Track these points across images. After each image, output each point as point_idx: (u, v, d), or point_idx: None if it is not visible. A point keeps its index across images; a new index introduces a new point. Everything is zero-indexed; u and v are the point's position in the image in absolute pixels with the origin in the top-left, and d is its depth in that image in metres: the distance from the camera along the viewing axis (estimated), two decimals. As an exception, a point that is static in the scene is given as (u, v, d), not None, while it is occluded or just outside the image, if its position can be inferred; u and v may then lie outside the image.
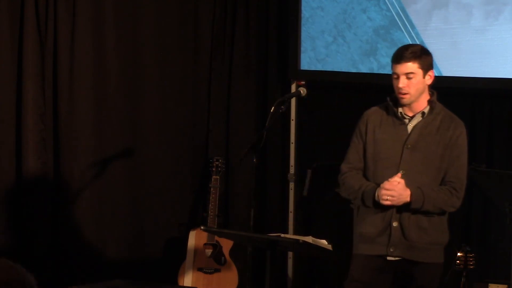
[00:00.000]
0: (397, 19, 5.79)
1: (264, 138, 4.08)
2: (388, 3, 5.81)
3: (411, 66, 4.01)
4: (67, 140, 5.81)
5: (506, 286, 4.98)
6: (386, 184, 3.94)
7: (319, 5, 6.04)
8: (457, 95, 5.85)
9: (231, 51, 6.31)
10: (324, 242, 3.70)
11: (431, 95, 4.14)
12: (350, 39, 5.92)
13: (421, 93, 4.06)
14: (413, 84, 4.01)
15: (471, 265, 4.89)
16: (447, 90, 5.79)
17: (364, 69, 5.90)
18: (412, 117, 4.09)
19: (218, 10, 6.28)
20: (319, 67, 6.01)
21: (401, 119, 4.09)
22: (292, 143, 6.19)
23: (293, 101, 6.08)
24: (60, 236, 5.83)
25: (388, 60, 5.83)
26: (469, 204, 5.80)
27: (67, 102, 5.81)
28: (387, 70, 5.83)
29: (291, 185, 6.15)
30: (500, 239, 5.51)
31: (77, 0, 5.79)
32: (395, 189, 3.92)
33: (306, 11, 6.09)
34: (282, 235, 3.80)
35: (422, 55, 4.05)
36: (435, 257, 4.16)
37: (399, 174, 3.95)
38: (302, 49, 6.08)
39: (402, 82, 4.00)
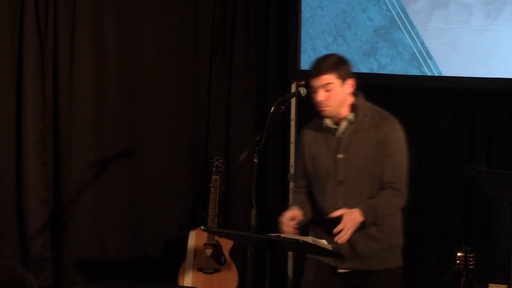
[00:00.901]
0: (397, 19, 5.79)
1: (264, 138, 4.07)
2: (388, 3, 5.81)
3: (328, 78, 3.89)
4: (67, 140, 5.82)
5: (506, 286, 4.98)
6: (335, 229, 3.82)
7: (319, 5, 6.05)
8: (457, 95, 5.86)
9: (231, 51, 6.32)
10: (324, 242, 3.70)
11: (355, 99, 4.00)
12: (350, 39, 5.92)
13: (342, 103, 3.95)
14: (333, 95, 3.91)
15: (471, 265, 4.89)
16: (447, 90, 5.82)
17: (364, 69, 5.90)
18: (339, 126, 3.99)
19: (218, 10, 6.29)
20: (319, 67, 6.01)
21: (330, 130, 4.01)
22: (292, 143, 6.20)
23: (293, 101, 6.09)
24: (60, 236, 5.83)
25: (388, 60, 5.86)
26: (469, 204, 5.81)
27: (67, 102, 5.81)
28: (387, 70, 5.86)
29: (291, 185, 6.16)
30: (500, 239, 5.51)
31: (77, 0, 5.79)
32: (344, 223, 3.76)
33: (306, 11, 6.09)
34: (282, 235, 3.80)
35: (339, 65, 3.94)
36: (389, 263, 4.04)
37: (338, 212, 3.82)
38: (302, 49, 6.08)
39: (321, 96, 3.91)
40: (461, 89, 5.74)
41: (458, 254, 4.91)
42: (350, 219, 3.78)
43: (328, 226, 3.92)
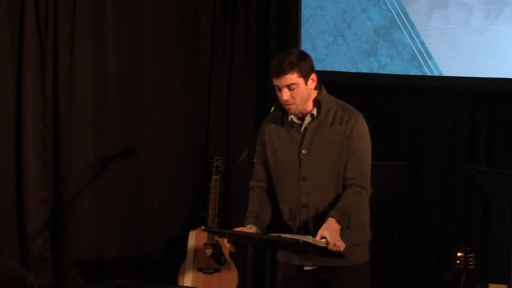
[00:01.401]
0: (397, 19, 5.79)
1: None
2: (388, 3, 5.81)
3: (291, 78, 3.81)
4: (67, 140, 5.82)
5: (506, 286, 4.98)
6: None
7: (319, 5, 6.05)
8: (457, 95, 5.86)
9: (231, 51, 6.32)
10: (324, 242, 3.69)
11: (318, 93, 3.93)
12: (350, 39, 5.92)
13: (307, 99, 3.88)
14: (297, 93, 3.83)
15: (471, 265, 4.89)
16: (447, 90, 5.82)
17: (364, 69, 5.91)
18: (303, 121, 3.92)
19: (218, 10, 6.29)
20: (319, 67, 6.00)
21: (293, 125, 3.93)
22: (292, 143, 6.19)
23: (293, 101, 6.08)
24: (60, 236, 5.83)
25: (388, 60, 5.86)
26: (469, 204, 5.81)
27: (67, 102, 5.81)
28: (387, 70, 5.86)
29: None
30: (500, 239, 5.51)
31: (77, 0, 5.79)
32: (331, 239, 3.66)
33: (306, 11, 6.09)
34: (283, 235, 3.79)
35: (300, 62, 3.85)
36: (356, 258, 3.92)
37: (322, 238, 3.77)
38: (302, 49, 6.08)
39: (286, 95, 3.86)
40: (461, 89, 5.74)
41: (458, 254, 4.91)
42: (332, 231, 3.68)
43: (291, 224, 3.90)
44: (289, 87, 3.84)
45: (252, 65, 6.32)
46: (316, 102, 3.90)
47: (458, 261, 4.89)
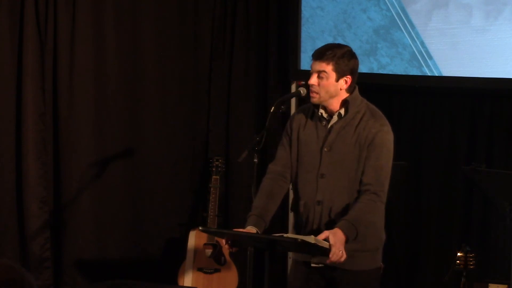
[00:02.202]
0: (397, 19, 5.79)
1: (264, 138, 4.07)
2: (388, 3, 5.81)
3: (324, 66, 3.85)
4: (67, 140, 5.82)
5: (506, 286, 4.98)
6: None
7: (319, 5, 6.05)
8: (457, 95, 5.86)
9: (231, 51, 6.32)
10: (327, 244, 3.67)
11: (349, 95, 3.92)
12: (350, 39, 5.92)
13: (332, 96, 3.88)
14: (323, 84, 3.86)
15: (471, 265, 4.89)
16: (447, 90, 5.82)
17: (364, 69, 5.90)
18: (331, 119, 3.94)
19: (218, 10, 6.29)
20: (319, 67, 6.01)
21: (322, 120, 3.95)
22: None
23: (293, 101, 6.09)
24: (60, 236, 5.83)
25: (388, 60, 5.86)
26: (469, 204, 5.81)
27: (67, 102, 5.81)
28: (387, 70, 5.86)
29: (291, 185, 6.15)
30: (500, 239, 5.51)
31: (77, 0, 5.79)
32: (334, 247, 3.60)
33: (306, 11, 6.09)
34: (285, 235, 3.79)
35: (341, 58, 3.86)
36: (363, 264, 3.88)
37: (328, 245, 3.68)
38: (302, 49, 6.08)
39: (313, 79, 3.88)
40: (461, 89, 5.74)
41: (458, 254, 4.91)
42: (336, 240, 3.63)
43: (305, 218, 3.91)
44: (319, 74, 3.86)
45: (252, 65, 6.33)
46: (345, 103, 3.90)
47: (458, 261, 4.89)
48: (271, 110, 4.04)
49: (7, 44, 5.61)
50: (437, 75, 5.71)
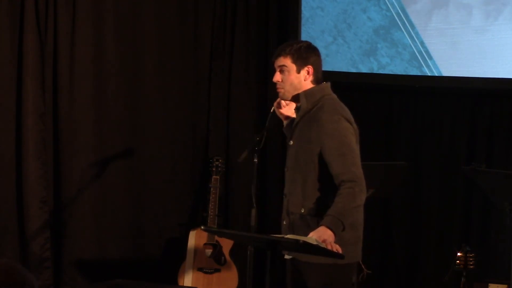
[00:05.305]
0: (397, 19, 5.79)
1: (264, 138, 4.07)
2: (388, 3, 5.81)
3: (283, 61, 3.89)
4: (67, 140, 5.82)
5: (506, 286, 4.99)
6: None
7: (319, 5, 6.05)
8: (457, 95, 5.86)
9: (231, 51, 6.32)
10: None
11: (312, 87, 3.91)
12: (350, 39, 5.92)
13: (298, 89, 3.89)
14: (286, 78, 3.88)
15: (471, 265, 4.90)
16: (447, 90, 5.82)
17: (364, 69, 5.91)
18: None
19: (218, 10, 6.29)
20: (319, 67, 6.01)
21: (297, 113, 3.97)
22: (292, 143, 6.19)
23: (293, 101, 6.08)
24: (60, 236, 5.83)
25: (388, 60, 5.86)
26: (469, 204, 5.81)
27: (67, 102, 5.81)
28: (387, 70, 5.86)
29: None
30: (500, 239, 5.52)
31: (77, 0, 5.79)
32: (326, 242, 3.58)
33: (306, 11, 6.09)
34: (286, 236, 3.78)
35: (299, 51, 3.89)
36: (321, 257, 3.76)
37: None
38: (302, 49, 6.08)
39: (276, 76, 3.93)
40: (461, 89, 5.75)
41: (458, 254, 4.91)
42: (325, 236, 3.59)
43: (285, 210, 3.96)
44: (281, 69, 3.91)
45: (252, 65, 6.33)
46: (304, 96, 3.89)
47: (458, 261, 4.90)
48: (271, 110, 4.05)
49: (7, 44, 5.60)
50: (437, 75, 5.72)
